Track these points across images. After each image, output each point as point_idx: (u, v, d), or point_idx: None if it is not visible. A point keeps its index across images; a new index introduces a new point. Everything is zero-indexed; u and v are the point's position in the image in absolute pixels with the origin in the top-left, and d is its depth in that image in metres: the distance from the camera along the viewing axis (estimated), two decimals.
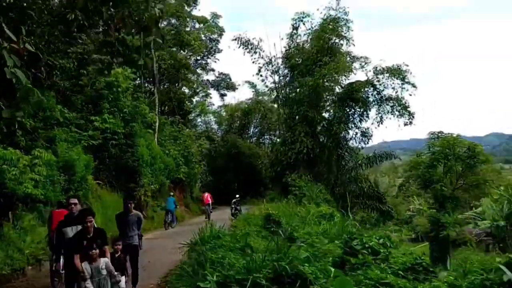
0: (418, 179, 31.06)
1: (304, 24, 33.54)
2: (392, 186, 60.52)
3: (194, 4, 24.65)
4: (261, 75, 35.02)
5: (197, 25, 36.05)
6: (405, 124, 30.62)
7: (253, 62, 34.55)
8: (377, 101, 31.05)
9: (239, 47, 34.06)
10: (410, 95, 29.63)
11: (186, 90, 36.33)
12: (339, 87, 32.06)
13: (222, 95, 41.54)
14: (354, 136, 32.73)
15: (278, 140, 49.45)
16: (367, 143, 33.04)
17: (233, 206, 24.13)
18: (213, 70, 37.91)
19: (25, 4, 7.56)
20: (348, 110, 32.03)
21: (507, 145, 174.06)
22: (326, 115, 33.59)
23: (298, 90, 33.25)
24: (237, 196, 25.71)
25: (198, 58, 37.18)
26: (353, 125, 32.67)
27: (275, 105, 47.73)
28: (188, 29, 33.41)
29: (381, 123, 31.52)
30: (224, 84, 39.90)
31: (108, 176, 18.27)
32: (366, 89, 30.74)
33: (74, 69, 18.89)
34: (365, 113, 31.83)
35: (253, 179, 42.11)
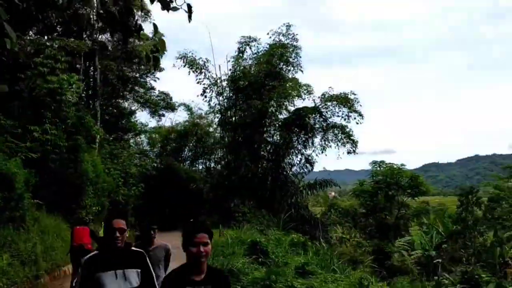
0: (361, 207, 31.38)
1: (250, 48, 33.32)
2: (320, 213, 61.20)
3: (146, 16, 23.13)
4: (205, 96, 33.97)
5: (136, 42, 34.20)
6: (349, 153, 31.00)
7: (198, 82, 33.48)
8: (323, 128, 31.14)
9: (184, 66, 32.92)
10: (357, 123, 30.05)
11: (126, 105, 34.16)
12: (287, 112, 31.88)
13: (161, 115, 39.50)
14: (298, 162, 32.55)
15: (213, 164, 48.20)
16: (311, 170, 32.91)
17: None
18: (153, 88, 35.96)
19: None
20: (293, 136, 31.78)
21: None
22: (271, 139, 33.10)
23: (243, 113, 32.56)
24: (192, 220, 23.88)
25: (137, 75, 35.14)
26: (297, 151, 32.51)
27: (211, 129, 46.78)
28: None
29: (325, 150, 31.70)
30: (164, 103, 37.98)
31: (47, 195, 15.91)
32: (313, 115, 30.71)
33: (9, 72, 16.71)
34: (310, 139, 31.79)
35: (189, 204, 40.23)
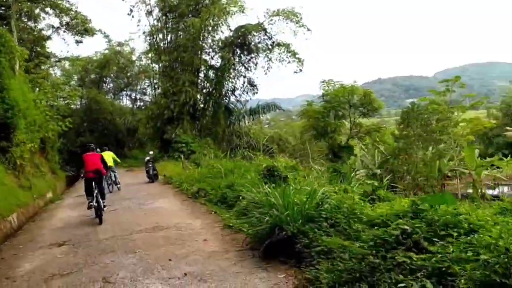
0: (312, 129, 30.28)
1: None
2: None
3: None
4: (133, 16, 30.09)
5: None
6: (295, 72, 29.36)
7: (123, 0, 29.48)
8: (267, 47, 28.98)
9: None
10: (306, 39, 28.19)
11: (41, 26, 29.23)
12: (228, 30, 29.09)
13: (78, 42, 34.36)
14: (242, 85, 30.41)
15: (139, 96, 44.82)
16: (255, 93, 30.99)
17: (150, 165, 19.51)
18: (70, 9, 30.66)
19: None
20: (235, 57, 29.34)
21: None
22: (212, 62, 30.39)
23: (177, 34, 29.36)
24: (151, 152, 21.17)
25: None
26: (239, 74, 30.26)
27: (134, 57, 42.82)
28: None
29: (268, 71, 29.74)
30: (82, 28, 32.82)
31: None
32: (257, 33, 28.32)
33: None
34: (253, 60, 29.60)
35: (116, 138, 37.15)
